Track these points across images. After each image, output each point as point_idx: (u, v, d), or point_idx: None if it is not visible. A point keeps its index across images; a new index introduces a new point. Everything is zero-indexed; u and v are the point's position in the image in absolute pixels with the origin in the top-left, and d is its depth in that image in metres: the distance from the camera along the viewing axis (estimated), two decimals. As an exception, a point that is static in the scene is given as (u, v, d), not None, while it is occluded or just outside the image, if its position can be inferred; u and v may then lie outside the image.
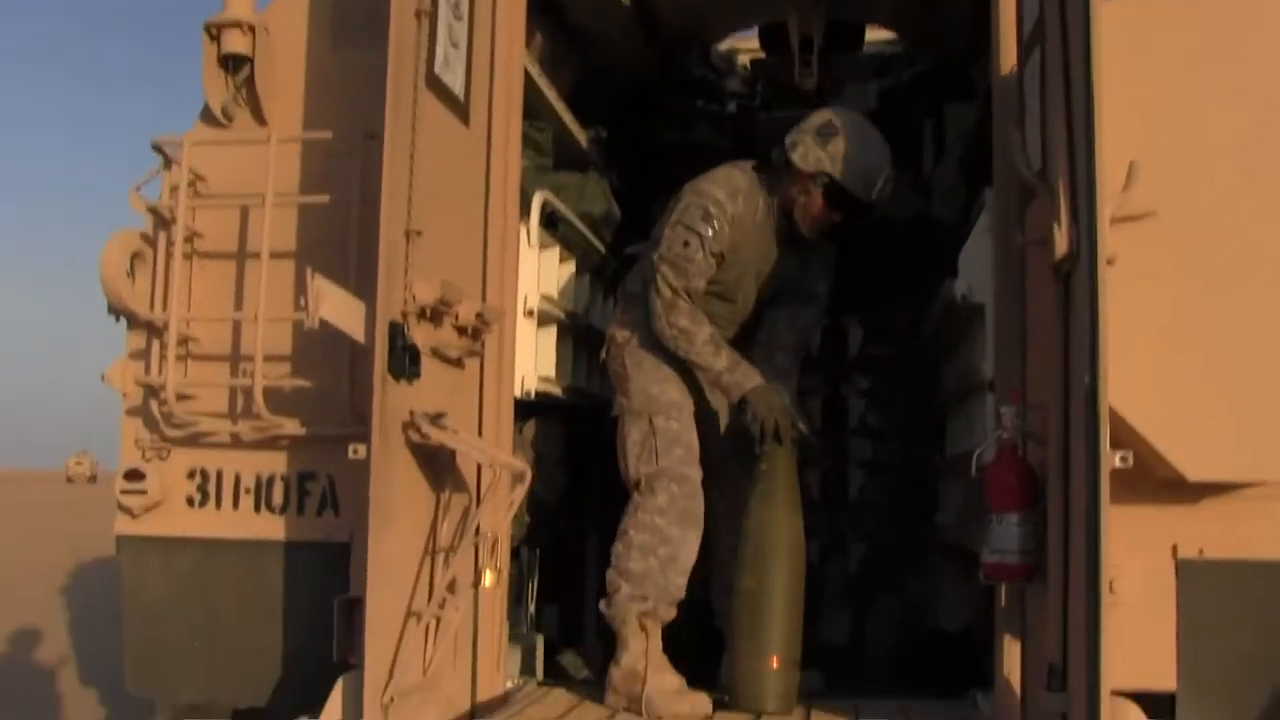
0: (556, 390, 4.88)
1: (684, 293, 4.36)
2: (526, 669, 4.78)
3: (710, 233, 4.36)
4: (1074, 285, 3.26)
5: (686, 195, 4.45)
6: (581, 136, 5.82)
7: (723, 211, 4.39)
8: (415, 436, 3.50)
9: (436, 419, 3.51)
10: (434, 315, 3.62)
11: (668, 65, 6.41)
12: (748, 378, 4.39)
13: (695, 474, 4.44)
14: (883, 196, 4.45)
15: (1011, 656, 3.83)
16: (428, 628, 3.62)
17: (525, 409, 4.58)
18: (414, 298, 3.49)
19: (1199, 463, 3.40)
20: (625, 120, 6.49)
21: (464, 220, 4.04)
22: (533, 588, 5.12)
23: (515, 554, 4.74)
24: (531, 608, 5.10)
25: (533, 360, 4.58)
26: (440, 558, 3.74)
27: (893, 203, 4.67)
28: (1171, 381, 3.38)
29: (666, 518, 4.35)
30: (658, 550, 4.32)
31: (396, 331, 3.42)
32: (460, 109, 3.95)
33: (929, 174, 6.47)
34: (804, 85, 6.15)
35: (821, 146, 4.36)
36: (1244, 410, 3.39)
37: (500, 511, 3.83)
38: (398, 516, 3.49)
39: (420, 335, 3.54)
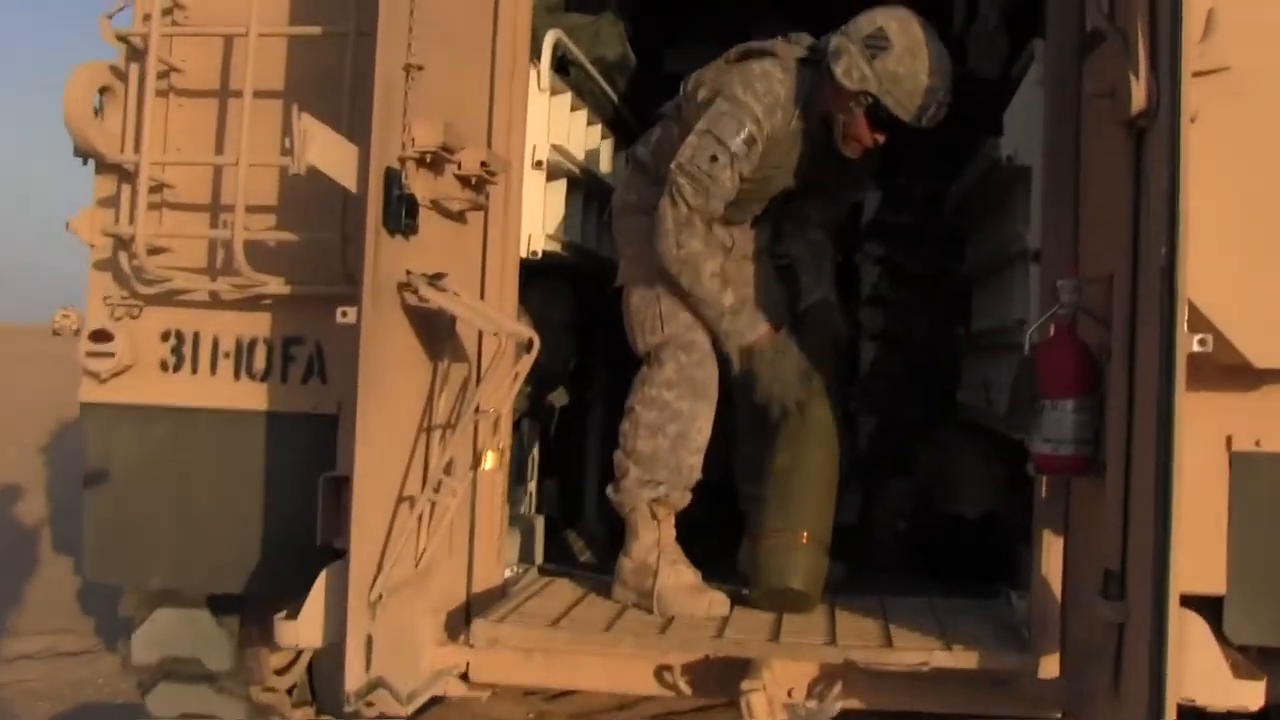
0: (565, 251, 4.52)
1: (701, 212, 3.90)
2: (525, 553, 4.49)
3: (743, 151, 3.89)
4: (1149, 144, 2.95)
5: (722, 100, 3.93)
6: (597, -25, 5.40)
7: (759, 129, 3.92)
8: (412, 298, 3.16)
9: (435, 279, 3.16)
10: (434, 163, 3.26)
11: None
12: (751, 328, 4.01)
13: (704, 339, 4.06)
14: (934, 121, 3.97)
15: (1052, 555, 3.54)
16: (421, 514, 3.31)
17: (529, 269, 4.23)
18: (413, 141, 3.13)
19: (1268, 349, 3.08)
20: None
21: (469, 59, 3.65)
22: (533, 464, 4.83)
23: (516, 426, 4.44)
24: (532, 485, 4.81)
25: (540, 217, 4.20)
26: (436, 435, 3.42)
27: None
28: (1239, 257, 3.07)
29: (675, 390, 4.00)
30: (666, 428, 3.99)
31: (393, 179, 3.06)
32: (469, -72, 3.57)
33: (960, 28, 6.06)
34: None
35: (868, 62, 3.85)
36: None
37: (504, 386, 3.47)
38: (390, 388, 3.16)
39: (419, 184, 3.19)
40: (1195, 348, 2.78)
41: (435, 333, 3.37)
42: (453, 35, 3.45)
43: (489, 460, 3.54)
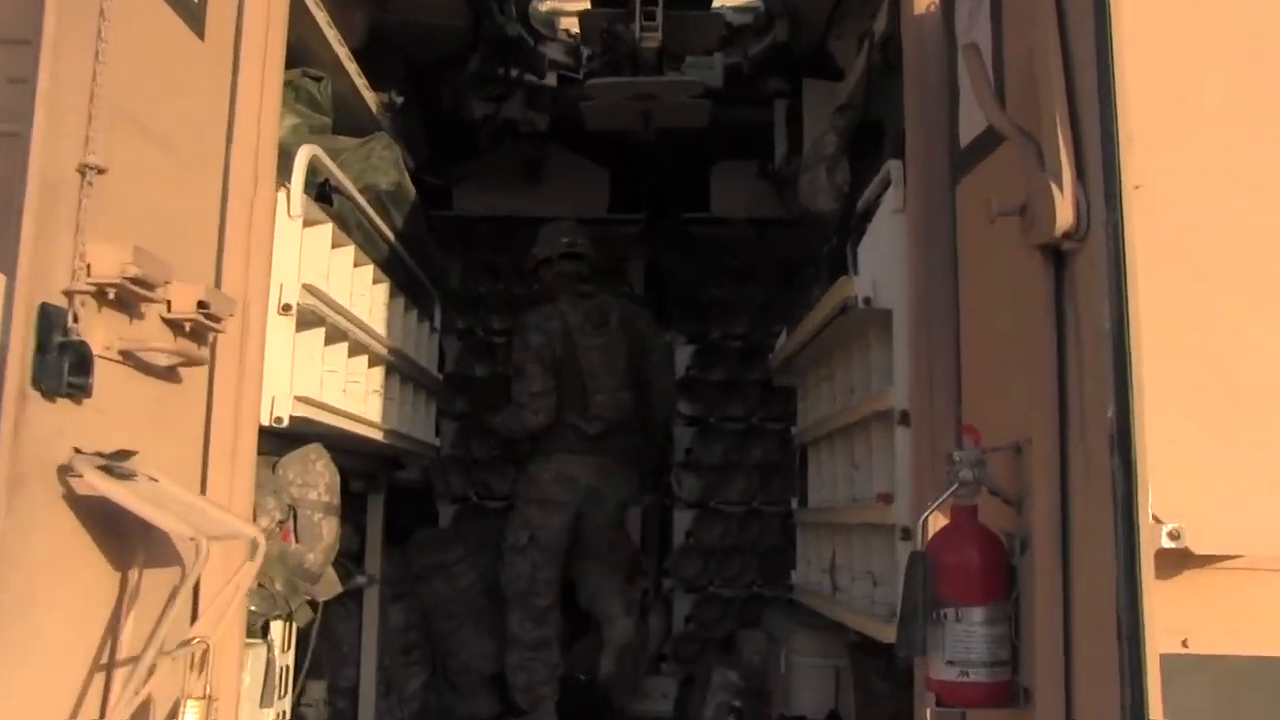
0: (324, 415, 3.59)
1: None
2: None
3: None
4: (1077, 272, 2.27)
5: None
6: (372, 99, 4.67)
7: None
8: (81, 488, 2.22)
9: (117, 460, 2.24)
10: (126, 300, 2.37)
11: (478, 22, 5.28)
12: None
13: None
14: None
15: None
16: (95, 790, 2.29)
17: (279, 438, 3.34)
18: (87, 268, 2.23)
19: (1210, 530, 2.41)
20: (425, 86, 5.35)
21: (188, 169, 2.79)
22: (285, 677, 3.84)
23: (264, 631, 3.51)
24: (284, 705, 3.82)
25: (288, 374, 3.28)
26: (119, 676, 2.39)
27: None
28: (1183, 415, 2.42)
29: None
30: None
31: (53, 320, 2.15)
32: (191, 10, 2.74)
33: (781, 161, 5.53)
34: (645, 44, 5.12)
35: None
36: (1258, 463, 2.44)
37: (218, 607, 2.49)
38: (41, 616, 2.19)
39: (99, 329, 2.28)
40: (1165, 543, 2.11)
41: (120, 534, 2.41)
42: (163, 135, 2.60)
43: (193, 712, 2.52)
